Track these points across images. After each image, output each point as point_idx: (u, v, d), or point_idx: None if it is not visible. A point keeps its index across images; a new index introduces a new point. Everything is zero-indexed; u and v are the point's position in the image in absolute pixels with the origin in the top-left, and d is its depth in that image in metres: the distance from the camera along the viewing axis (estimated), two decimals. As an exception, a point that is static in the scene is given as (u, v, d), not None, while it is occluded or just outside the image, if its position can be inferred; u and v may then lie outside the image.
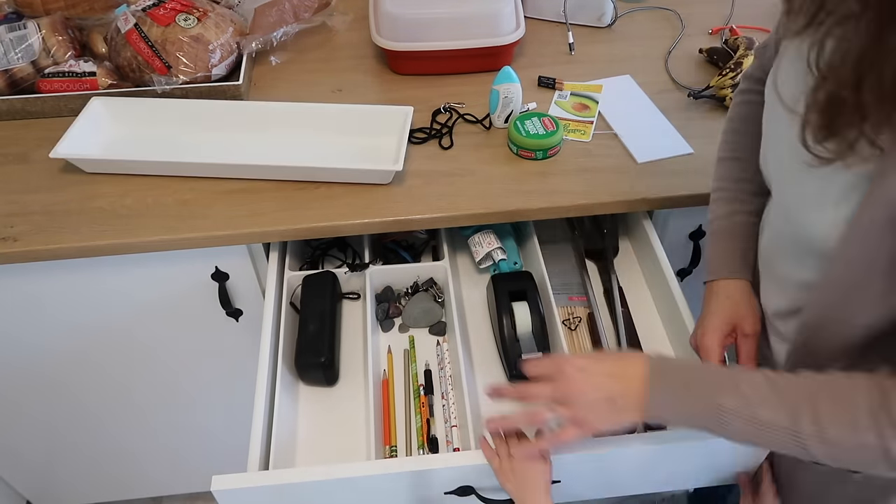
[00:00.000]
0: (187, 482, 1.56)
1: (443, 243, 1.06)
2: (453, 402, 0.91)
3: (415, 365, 0.96)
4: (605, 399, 0.66)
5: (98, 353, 1.17)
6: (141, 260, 1.00)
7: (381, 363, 0.97)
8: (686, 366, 0.70)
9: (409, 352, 0.98)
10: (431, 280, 1.04)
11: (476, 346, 0.99)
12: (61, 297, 1.07)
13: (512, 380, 0.92)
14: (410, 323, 1.01)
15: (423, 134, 1.11)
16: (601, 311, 1.02)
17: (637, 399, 0.65)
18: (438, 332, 1.01)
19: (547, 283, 0.98)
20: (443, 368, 0.95)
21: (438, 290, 1.04)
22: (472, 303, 1.05)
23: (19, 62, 1.13)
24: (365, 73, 1.26)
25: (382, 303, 1.03)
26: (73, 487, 1.51)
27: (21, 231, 0.96)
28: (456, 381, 0.92)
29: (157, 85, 1.12)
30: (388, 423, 0.89)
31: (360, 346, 0.99)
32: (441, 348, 0.98)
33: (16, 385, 1.22)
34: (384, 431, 0.88)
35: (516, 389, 0.73)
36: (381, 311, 1.02)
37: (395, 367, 0.97)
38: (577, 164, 1.06)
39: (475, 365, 0.97)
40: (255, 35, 1.23)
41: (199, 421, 1.36)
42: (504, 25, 1.21)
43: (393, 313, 1.02)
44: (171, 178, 1.03)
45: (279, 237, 0.98)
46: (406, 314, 1.02)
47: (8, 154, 1.09)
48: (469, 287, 1.08)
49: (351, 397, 0.93)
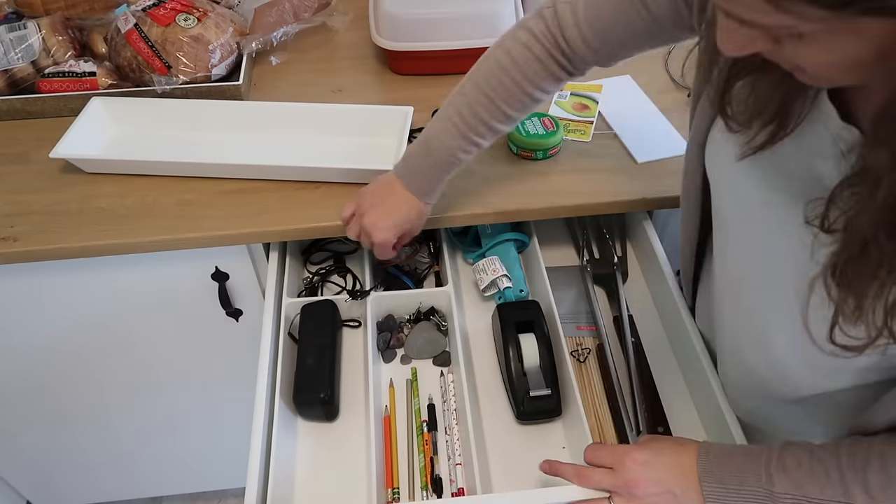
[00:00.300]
0: (187, 482, 1.57)
1: (446, 268, 1.01)
2: (457, 439, 0.86)
3: (417, 400, 0.91)
4: (666, 492, 0.67)
5: (98, 353, 1.17)
6: (141, 260, 1.00)
7: (382, 398, 0.92)
8: (734, 452, 0.67)
9: (412, 384, 0.94)
10: (433, 308, 1.00)
11: (481, 378, 0.95)
12: (61, 298, 1.07)
13: (520, 418, 0.89)
14: (413, 354, 0.97)
15: (423, 134, 1.11)
16: (611, 341, 0.98)
17: (696, 493, 0.66)
18: (443, 363, 0.96)
19: (554, 311, 0.94)
20: (446, 401, 0.90)
21: (442, 318, 0.99)
22: (476, 331, 1.00)
23: (19, 62, 1.13)
24: (365, 73, 1.26)
25: (384, 332, 0.98)
26: (73, 487, 1.51)
27: (21, 231, 0.96)
28: (461, 415, 0.87)
29: (157, 85, 1.12)
30: (389, 464, 0.85)
31: (360, 378, 0.95)
32: (445, 380, 0.93)
33: (16, 385, 1.22)
34: (386, 473, 0.84)
35: (575, 471, 0.72)
36: (382, 341, 0.97)
37: (397, 400, 0.92)
38: (577, 165, 1.06)
39: (480, 398, 0.93)
40: (255, 35, 1.23)
41: (200, 420, 1.36)
42: (504, 25, 1.21)
43: (395, 344, 0.98)
44: (171, 178, 1.03)
45: (279, 237, 0.98)
46: (409, 345, 0.97)
47: (8, 154, 1.09)
48: (474, 314, 1.02)
49: (351, 433, 0.89)
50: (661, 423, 0.88)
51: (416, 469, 0.85)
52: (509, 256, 1.03)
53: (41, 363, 1.18)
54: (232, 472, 1.50)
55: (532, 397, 0.86)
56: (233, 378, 1.25)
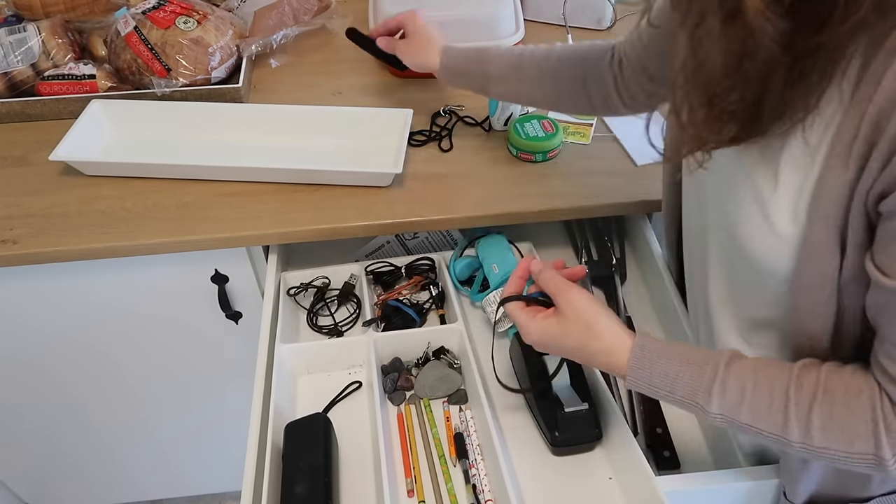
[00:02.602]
0: (188, 485, 1.56)
1: (454, 306, 0.95)
2: (485, 474, 0.78)
3: (435, 430, 0.83)
4: (569, 350, 0.67)
5: (98, 356, 1.17)
6: (141, 262, 1.00)
7: (392, 434, 0.83)
8: (673, 358, 0.63)
9: (426, 410, 0.86)
10: (443, 348, 0.92)
11: (504, 417, 0.86)
12: (61, 300, 1.07)
13: (556, 447, 0.79)
14: (425, 393, 0.88)
15: (422, 136, 1.11)
16: None
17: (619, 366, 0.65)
18: (458, 401, 0.88)
19: None
20: (469, 436, 0.83)
21: (453, 357, 0.92)
22: (489, 370, 0.89)
23: (19, 65, 1.13)
24: (364, 75, 1.26)
25: (391, 373, 0.90)
26: (72, 490, 1.51)
27: (20, 234, 0.96)
28: (487, 450, 0.79)
29: (156, 87, 1.12)
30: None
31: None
32: (465, 415, 0.85)
33: (15, 388, 1.22)
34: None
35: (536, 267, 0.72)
36: (389, 382, 0.89)
37: (412, 432, 0.84)
38: (577, 167, 1.06)
39: (506, 433, 0.83)
40: (254, 38, 1.23)
41: (199, 423, 1.36)
42: (503, 28, 1.21)
43: (403, 385, 0.89)
44: (170, 180, 1.03)
45: (279, 240, 0.98)
46: (419, 384, 0.88)
47: (7, 157, 1.09)
48: (485, 352, 0.93)
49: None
50: (659, 423, 0.88)
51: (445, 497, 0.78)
52: (507, 259, 1.00)
53: (40, 365, 1.18)
54: (231, 474, 1.50)
55: (567, 414, 0.77)
56: (233, 379, 1.25)
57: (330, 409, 0.87)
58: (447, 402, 0.88)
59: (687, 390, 0.61)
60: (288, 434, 0.79)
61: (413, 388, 0.89)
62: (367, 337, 0.91)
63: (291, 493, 0.73)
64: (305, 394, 0.91)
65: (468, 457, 0.80)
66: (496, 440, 0.77)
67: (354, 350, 0.91)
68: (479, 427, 0.83)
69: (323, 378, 0.92)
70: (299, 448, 0.77)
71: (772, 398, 0.58)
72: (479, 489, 0.77)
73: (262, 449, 0.79)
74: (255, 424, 0.81)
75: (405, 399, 0.89)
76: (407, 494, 0.78)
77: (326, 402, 0.88)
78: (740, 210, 0.61)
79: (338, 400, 0.89)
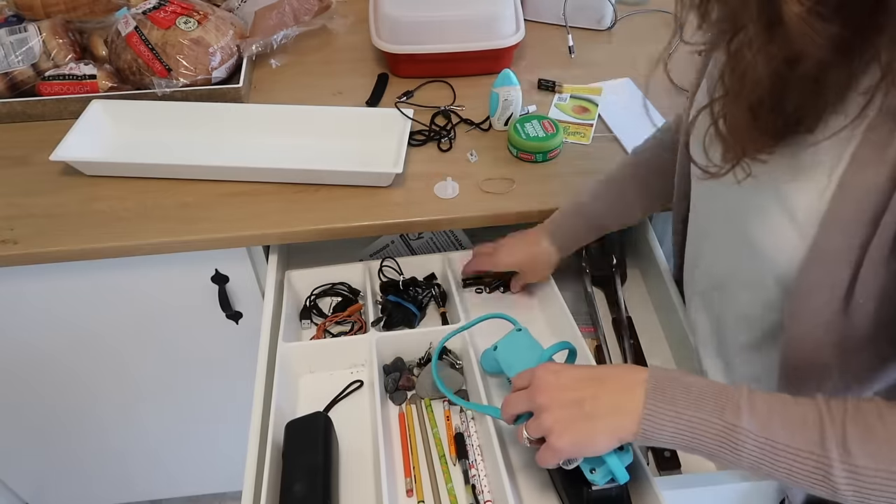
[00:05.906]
0: (187, 485, 1.56)
1: (457, 306, 0.94)
2: (485, 474, 0.78)
3: (436, 429, 0.83)
4: (572, 402, 0.59)
5: (98, 356, 1.17)
6: (141, 262, 1.00)
7: (393, 434, 0.83)
8: (694, 381, 0.58)
9: (427, 409, 0.86)
10: (445, 348, 0.91)
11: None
12: (61, 300, 1.07)
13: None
14: (426, 393, 0.87)
15: (422, 136, 1.11)
16: (609, 343, 0.97)
17: (617, 410, 0.58)
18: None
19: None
20: (469, 436, 0.83)
21: (455, 357, 0.92)
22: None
23: (20, 65, 1.13)
24: (365, 75, 1.26)
25: (393, 373, 0.90)
26: (72, 490, 1.51)
27: (21, 234, 0.96)
28: (488, 451, 0.79)
29: (157, 88, 1.12)
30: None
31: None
32: (466, 415, 0.85)
33: (15, 387, 1.22)
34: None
35: (503, 403, 0.66)
36: (391, 382, 0.89)
37: (411, 432, 0.84)
38: (577, 167, 1.06)
39: (505, 433, 0.82)
40: (255, 38, 1.23)
41: (199, 423, 1.36)
42: (504, 28, 1.21)
43: (404, 384, 0.89)
44: (171, 180, 1.04)
45: (279, 240, 0.98)
46: (420, 383, 0.88)
47: (8, 157, 1.09)
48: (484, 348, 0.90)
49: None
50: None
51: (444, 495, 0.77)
52: (529, 360, 0.76)
53: (41, 365, 1.18)
54: (231, 474, 1.50)
55: (595, 494, 0.65)
56: (233, 379, 1.25)
57: (331, 409, 0.87)
58: (448, 402, 0.88)
59: (713, 404, 0.55)
60: (288, 432, 0.79)
61: (414, 387, 0.90)
62: (369, 336, 0.90)
63: (290, 492, 0.72)
64: (307, 393, 0.91)
65: (468, 457, 0.80)
66: (496, 440, 0.76)
67: (357, 349, 0.91)
68: (480, 427, 0.83)
69: (325, 377, 0.91)
70: (299, 447, 0.77)
71: (805, 412, 0.54)
72: (479, 489, 0.77)
73: (262, 448, 0.79)
74: (255, 424, 0.81)
75: (406, 399, 0.88)
76: (406, 494, 0.78)
77: (328, 401, 0.88)
78: (754, 197, 0.60)
79: (339, 399, 0.89)
